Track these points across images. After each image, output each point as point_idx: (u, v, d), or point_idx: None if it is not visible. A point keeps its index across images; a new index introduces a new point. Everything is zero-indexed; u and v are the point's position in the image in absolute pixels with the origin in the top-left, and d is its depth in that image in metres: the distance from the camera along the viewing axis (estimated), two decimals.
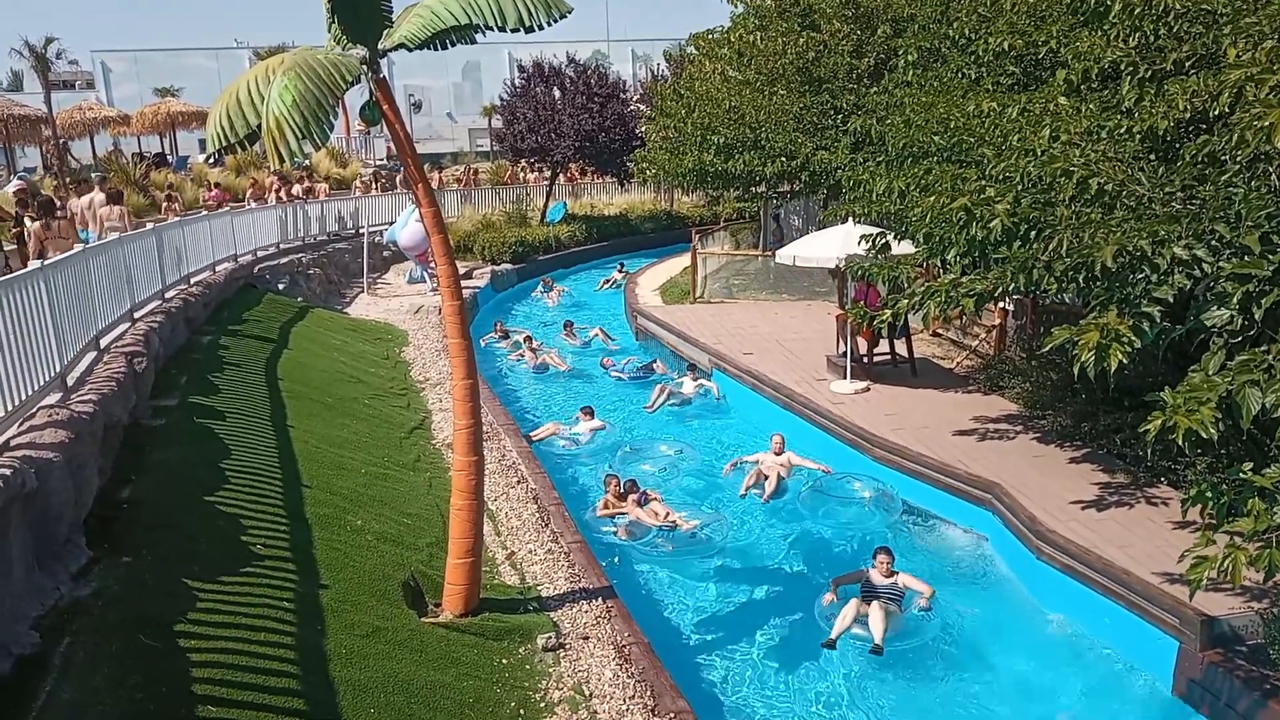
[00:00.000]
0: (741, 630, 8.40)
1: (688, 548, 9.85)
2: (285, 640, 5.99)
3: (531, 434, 12.96)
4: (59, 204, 14.48)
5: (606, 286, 25.66)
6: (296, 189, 25.69)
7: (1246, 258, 5.89)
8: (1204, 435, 5.44)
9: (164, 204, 22.02)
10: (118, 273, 11.15)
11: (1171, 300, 6.36)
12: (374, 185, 30.81)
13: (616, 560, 9.68)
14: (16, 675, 5.07)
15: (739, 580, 9.36)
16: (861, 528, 10.25)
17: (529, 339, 18.27)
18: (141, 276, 12.28)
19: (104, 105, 42.45)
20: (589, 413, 13.69)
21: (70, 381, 8.38)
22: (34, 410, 7.16)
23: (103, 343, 10.02)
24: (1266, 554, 5.13)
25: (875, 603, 8.11)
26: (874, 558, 8.59)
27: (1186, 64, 8.28)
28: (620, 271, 26.32)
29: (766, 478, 11.16)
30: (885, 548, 8.67)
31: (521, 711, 6.33)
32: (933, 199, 8.49)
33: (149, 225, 13.99)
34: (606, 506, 10.47)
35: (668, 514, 10.17)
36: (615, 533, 10.13)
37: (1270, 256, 5.84)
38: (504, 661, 6.87)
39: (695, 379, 14.94)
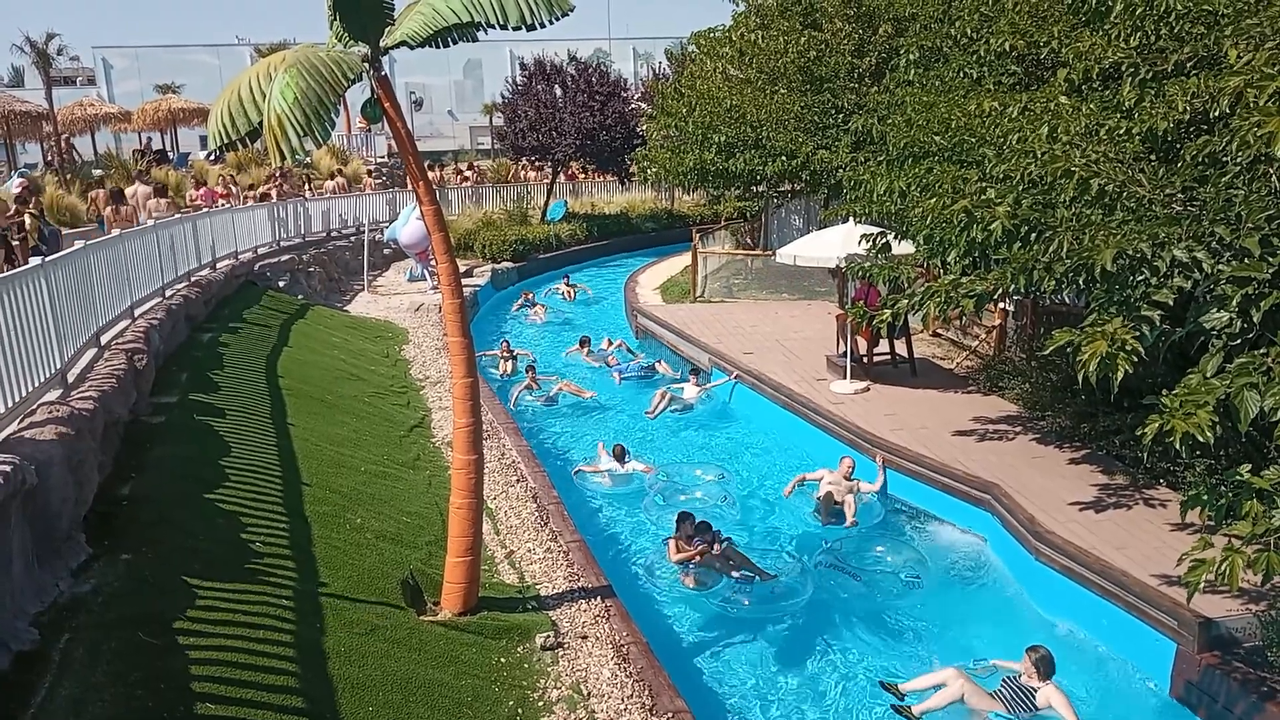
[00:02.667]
0: (741, 630, 8.40)
1: (768, 604, 8.67)
2: (284, 638, 6.00)
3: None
4: (125, 192, 17.69)
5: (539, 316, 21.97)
6: (287, 185, 25.66)
7: (1246, 260, 5.90)
8: (1201, 439, 5.45)
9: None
10: (118, 269, 11.16)
11: (1171, 303, 6.37)
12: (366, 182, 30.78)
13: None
14: (16, 671, 5.08)
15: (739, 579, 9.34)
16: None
17: (531, 368, 15.79)
18: (142, 273, 12.29)
19: (105, 101, 42.44)
20: (621, 453, 12.04)
21: (71, 378, 8.39)
22: (34, 407, 7.17)
23: (103, 339, 10.03)
24: (1264, 557, 5.14)
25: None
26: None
27: (1187, 65, 8.28)
28: (567, 282, 24.32)
29: (839, 504, 10.27)
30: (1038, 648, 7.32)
31: (519, 710, 6.34)
32: (933, 200, 8.50)
33: (149, 222, 14.01)
34: (678, 550, 9.16)
35: (744, 562, 9.00)
36: (683, 580, 9.05)
37: (1270, 259, 5.86)
38: (502, 660, 6.88)
39: (698, 384, 14.56)
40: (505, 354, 16.87)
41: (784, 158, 18.84)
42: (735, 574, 8.94)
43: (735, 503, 10.95)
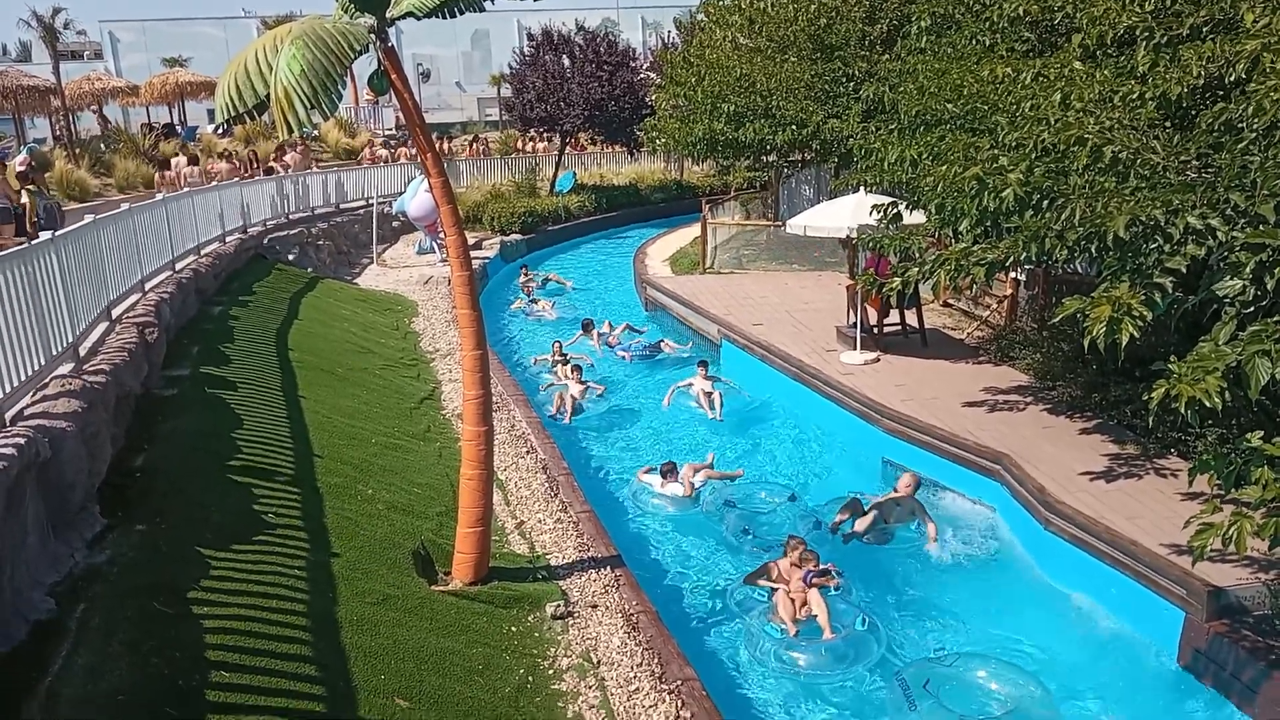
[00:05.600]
0: (750, 600, 8.43)
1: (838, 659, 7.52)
2: (297, 608, 6.06)
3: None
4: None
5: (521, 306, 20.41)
6: (289, 157, 25.60)
7: (1261, 227, 5.84)
8: (1208, 404, 5.42)
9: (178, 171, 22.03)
10: (128, 243, 11.18)
11: (1184, 270, 6.32)
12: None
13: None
14: (33, 642, 5.14)
15: (748, 549, 9.37)
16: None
17: (577, 369, 14.14)
18: (151, 247, 12.32)
19: (113, 75, 42.36)
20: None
21: (82, 351, 8.44)
22: (47, 380, 7.21)
23: (114, 313, 10.07)
24: (1272, 523, 5.13)
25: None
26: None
27: (1203, 29, 8.15)
28: (525, 275, 22.00)
29: (865, 514, 9.50)
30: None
31: (530, 679, 6.40)
32: (945, 168, 8.42)
33: (159, 195, 14.05)
34: (769, 577, 8.33)
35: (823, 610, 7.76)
36: (773, 619, 7.83)
37: None
38: (513, 629, 6.94)
39: (706, 376, 13.68)
40: (556, 356, 15.17)
41: (794, 127, 18.66)
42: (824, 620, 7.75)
43: (811, 520, 9.81)
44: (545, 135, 34.19)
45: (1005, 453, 9.71)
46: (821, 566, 8.20)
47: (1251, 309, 5.97)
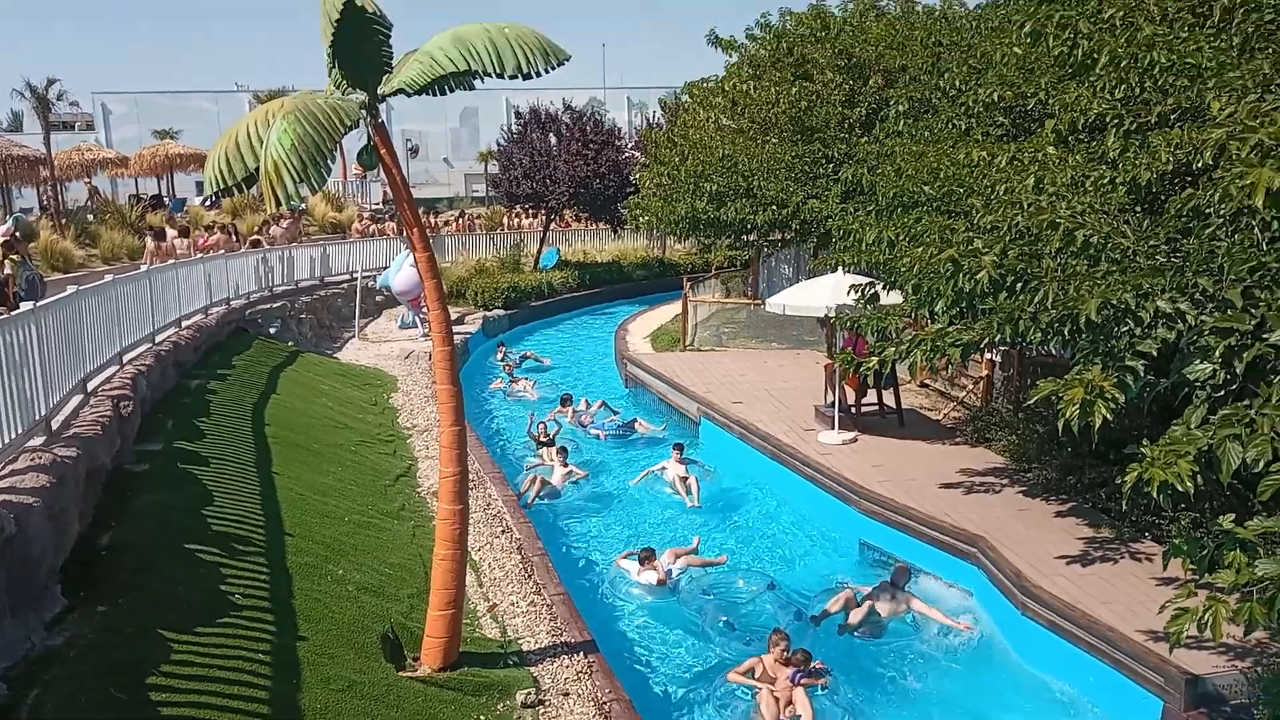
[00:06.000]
0: (725, 687, 8.26)
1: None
2: (259, 694, 5.89)
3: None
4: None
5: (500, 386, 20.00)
6: (274, 230, 25.74)
7: (1229, 311, 5.92)
8: (1180, 488, 5.43)
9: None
10: (109, 315, 11.14)
11: (1155, 354, 6.39)
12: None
13: None
14: None
15: (727, 639, 9.20)
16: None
17: (563, 450, 13.88)
18: (132, 319, 12.27)
19: (102, 147, 42.74)
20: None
21: (55, 425, 8.33)
22: (17, 454, 7.10)
23: (90, 385, 9.98)
24: (1246, 607, 5.08)
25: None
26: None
27: (1171, 116, 8.39)
28: (501, 352, 21.93)
29: (858, 605, 9.23)
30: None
31: None
32: (921, 250, 8.54)
33: (142, 268, 14.02)
34: (750, 675, 7.98)
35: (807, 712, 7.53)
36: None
37: (1252, 310, 5.88)
38: (482, 718, 6.76)
39: (681, 459, 13.29)
40: (541, 436, 14.89)
41: (775, 206, 18.97)
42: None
43: (792, 610, 9.55)
44: (531, 211, 34.58)
45: (982, 535, 9.67)
46: (812, 666, 7.87)
47: (1222, 392, 6.02)
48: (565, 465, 13.52)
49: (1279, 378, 5.65)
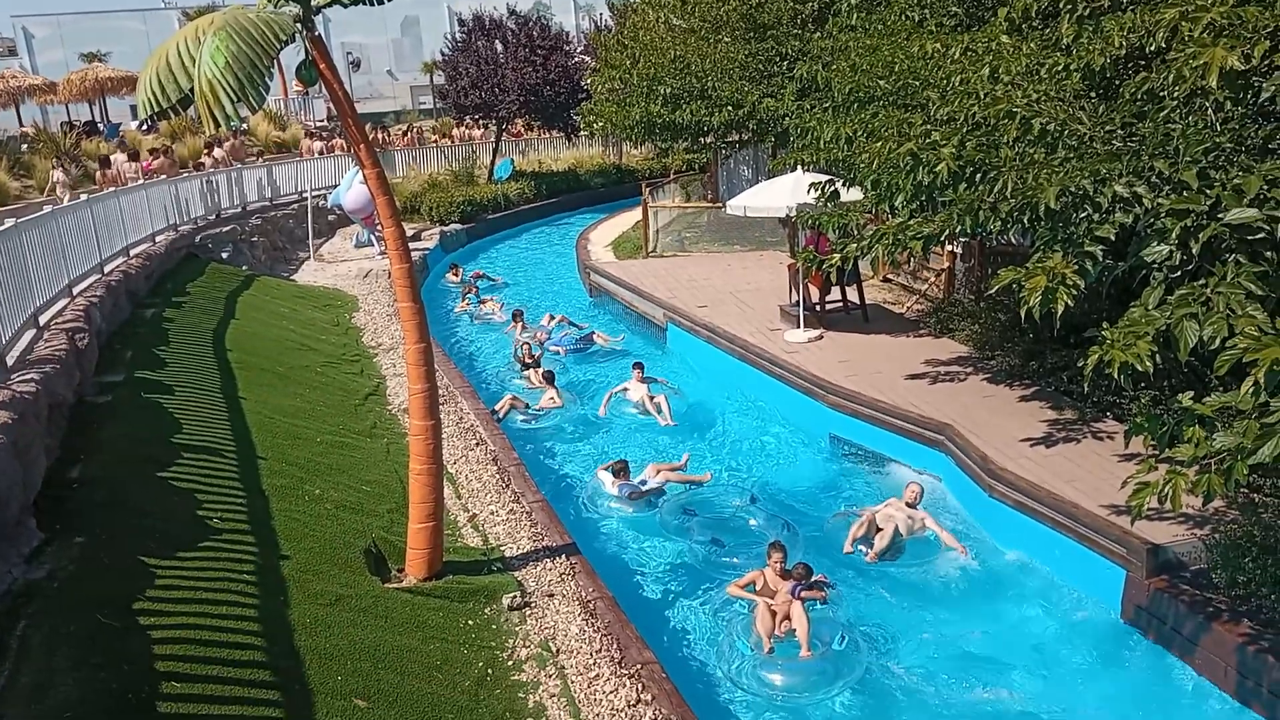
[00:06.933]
0: (706, 581, 8.50)
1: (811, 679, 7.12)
2: (247, 613, 5.96)
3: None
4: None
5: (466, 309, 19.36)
6: (218, 152, 25.00)
7: (1184, 193, 6.00)
8: (1140, 368, 5.57)
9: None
10: (54, 246, 10.84)
11: (1114, 238, 6.47)
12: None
13: None
14: None
15: (698, 522, 9.41)
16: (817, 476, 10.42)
17: (550, 374, 13.44)
18: (77, 250, 11.95)
19: (28, 73, 40.93)
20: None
21: (10, 361, 8.18)
22: None
23: (42, 319, 9.77)
24: (1205, 479, 5.29)
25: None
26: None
27: (1124, 0, 8.33)
28: (454, 273, 21.66)
29: (880, 530, 8.78)
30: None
31: (490, 671, 6.38)
32: (879, 145, 8.50)
33: (83, 197, 13.60)
34: (754, 587, 7.82)
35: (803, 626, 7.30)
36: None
37: (1207, 191, 5.95)
38: (470, 623, 6.91)
39: (642, 379, 12.85)
40: (529, 359, 14.41)
41: (730, 107, 18.71)
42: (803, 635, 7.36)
43: (779, 522, 9.34)
44: (481, 122, 33.84)
45: (949, 423, 9.90)
46: (814, 579, 7.73)
47: (1178, 273, 6.14)
48: (555, 387, 13.03)
49: (1234, 256, 5.77)
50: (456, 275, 21.53)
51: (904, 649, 7.54)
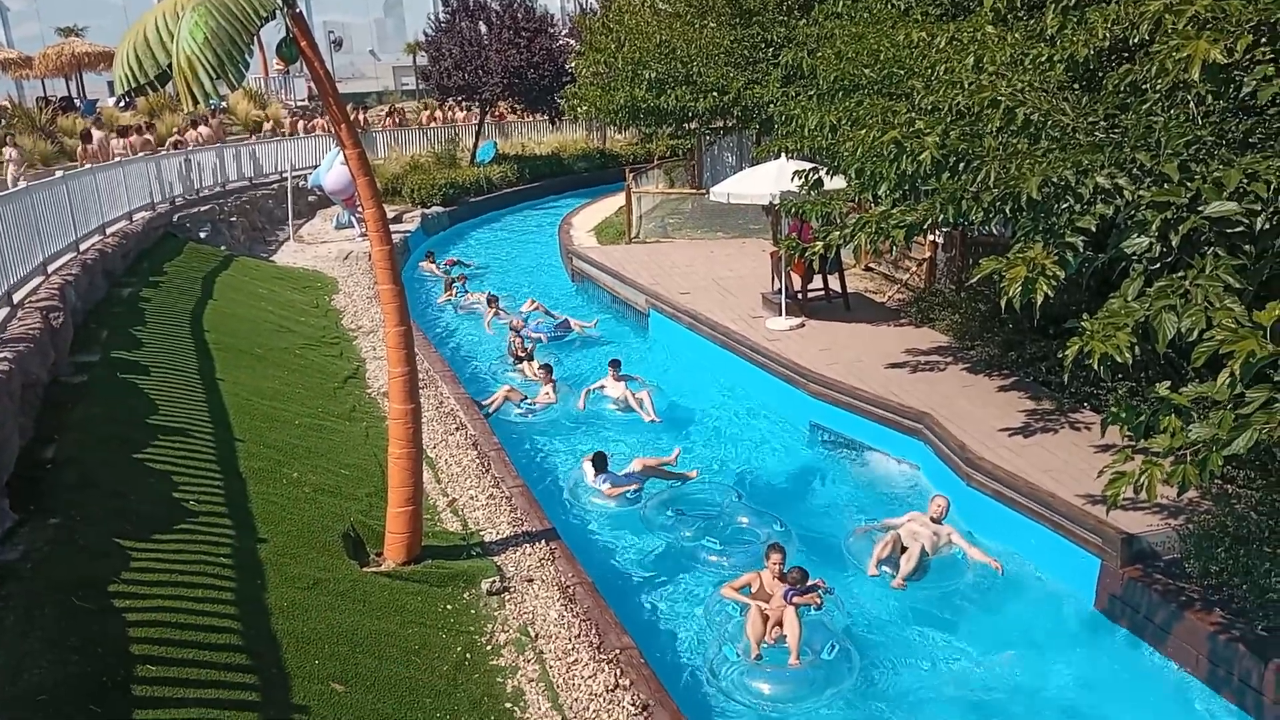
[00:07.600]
0: (685, 567, 8.51)
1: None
2: (224, 596, 5.93)
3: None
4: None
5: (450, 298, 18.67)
6: (200, 130, 24.71)
7: (1165, 185, 6.03)
8: (1119, 359, 5.60)
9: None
10: (27, 224, 10.69)
11: (1094, 229, 6.50)
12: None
13: None
14: None
15: (683, 520, 9.41)
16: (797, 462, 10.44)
17: (547, 367, 12.99)
18: (52, 227, 11.80)
19: (3, 46, 40.30)
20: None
21: None
22: None
23: (15, 297, 9.65)
24: (1180, 469, 5.32)
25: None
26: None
27: None
28: (430, 261, 21.20)
29: (905, 550, 8.26)
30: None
31: (468, 655, 6.38)
32: (863, 133, 8.49)
33: (58, 174, 13.41)
34: (750, 591, 7.56)
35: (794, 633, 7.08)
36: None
37: (1188, 184, 5.99)
38: (448, 607, 6.90)
39: (618, 377, 12.39)
40: (522, 352, 14.09)
41: (715, 93, 18.65)
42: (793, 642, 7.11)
43: (767, 519, 9.15)
44: (464, 104, 33.60)
45: (928, 412, 9.94)
46: (810, 582, 7.49)
47: (1158, 265, 6.18)
48: (551, 381, 12.52)
49: (1213, 249, 5.81)
50: (432, 263, 21.05)
51: (879, 641, 7.57)
